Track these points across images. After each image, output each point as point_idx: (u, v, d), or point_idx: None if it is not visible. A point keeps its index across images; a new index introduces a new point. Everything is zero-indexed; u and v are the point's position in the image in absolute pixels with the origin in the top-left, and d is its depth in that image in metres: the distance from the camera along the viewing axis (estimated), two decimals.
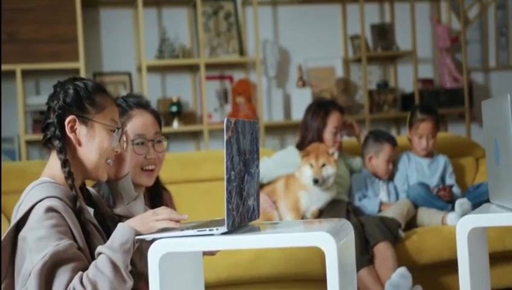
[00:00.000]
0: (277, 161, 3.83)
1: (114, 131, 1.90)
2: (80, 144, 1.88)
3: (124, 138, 1.99)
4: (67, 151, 1.87)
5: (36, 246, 1.71)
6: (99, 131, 1.89)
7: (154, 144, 2.24)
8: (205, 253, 2.06)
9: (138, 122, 2.23)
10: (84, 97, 1.88)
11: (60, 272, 1.69)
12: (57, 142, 1.86)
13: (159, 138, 2.26)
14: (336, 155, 3.58)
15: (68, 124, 1.86)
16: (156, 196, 2.36)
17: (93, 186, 2.14)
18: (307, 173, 3.56)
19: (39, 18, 4.56)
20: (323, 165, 3.54)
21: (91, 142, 1.88)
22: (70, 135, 1.87)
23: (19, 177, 3.29)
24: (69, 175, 1.83)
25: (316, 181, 3.52)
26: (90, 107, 1.88)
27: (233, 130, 1.64)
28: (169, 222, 1.74)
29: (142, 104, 2.27)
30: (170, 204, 2.42)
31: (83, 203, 1.86)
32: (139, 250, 1.84)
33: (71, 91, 1.88)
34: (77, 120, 1.87)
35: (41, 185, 1.82)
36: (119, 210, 1.98)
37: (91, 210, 1.92)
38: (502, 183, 1.88)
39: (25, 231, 1.75)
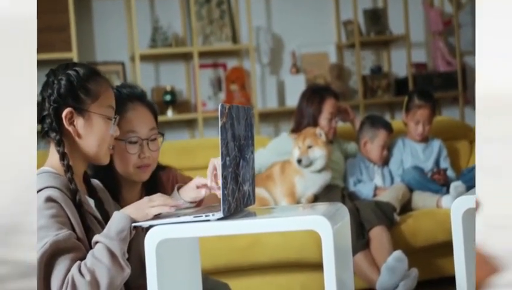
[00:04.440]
0: (272, 150, 3.82)
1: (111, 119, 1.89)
2: (79, 136, 1.86)
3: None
4: (66, 142, 1.85)
5: (36, 235, 1.72)
6: (97, 121, 1.87)
7: (148, 142, 2.07)
8: None
9: (132, 118, 2.07)
10: (77, 87, 1.85)
11: (59, 262, 1.70)
12: (54, 135, 1.84)
13: (154, 136, 2.10)
14: (323, 136, 3.56)
15: (65, 118, 1.84)
16: (151, 186, 2.18)
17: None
18: (295, 155, 3.56)
19: None
20: (310, 146, 3.54)
21: (89, 133, 1.86)
22: (69, 128, 1.85)
23: None
24: (68, 168, 1.82)
25: (299, 161, 3.51)
26: (85, 97, 1.85)
27: (228, 115, 1.64)
28: (164, 207, 1.75)
29: (137, 96, 2.12)
30: (175, 182, 2.21)
31: (82, 196, 1.85)
32: None
33: (64, 82, 1.84)
34: (74, 112, 1.85)
35: (41, 175, 1.82)
36: None
37: (92, 201, 1.91)
38: None
39: None
